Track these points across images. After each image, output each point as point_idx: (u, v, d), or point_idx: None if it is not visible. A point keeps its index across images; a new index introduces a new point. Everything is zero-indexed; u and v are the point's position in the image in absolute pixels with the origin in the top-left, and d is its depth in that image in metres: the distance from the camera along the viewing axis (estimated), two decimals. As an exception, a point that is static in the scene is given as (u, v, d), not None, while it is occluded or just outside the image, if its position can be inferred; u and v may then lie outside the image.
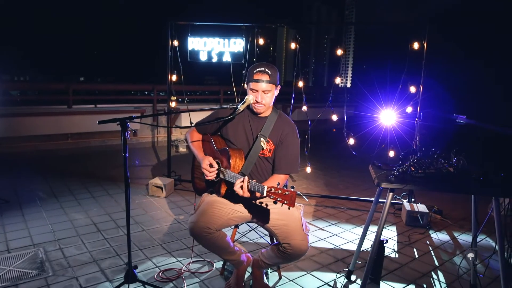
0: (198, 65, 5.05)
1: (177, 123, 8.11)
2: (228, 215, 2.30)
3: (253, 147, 2.31)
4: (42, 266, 2.78)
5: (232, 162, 2.23)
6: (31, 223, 3.58)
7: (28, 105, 7.41)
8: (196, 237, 2.23)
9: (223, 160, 2.30)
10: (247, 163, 2.28)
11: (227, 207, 2.32)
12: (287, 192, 1.83)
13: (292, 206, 1.82)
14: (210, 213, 2.25)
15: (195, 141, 2.53)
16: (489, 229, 3.63)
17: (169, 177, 4.98)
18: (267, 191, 1.89)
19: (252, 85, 2.22)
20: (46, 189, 4.64)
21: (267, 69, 2.20)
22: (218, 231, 2.25)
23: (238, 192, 2.05)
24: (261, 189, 1.93)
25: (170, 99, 5.00)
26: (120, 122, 2.11)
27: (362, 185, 5.43)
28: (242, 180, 2.03)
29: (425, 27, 4.02)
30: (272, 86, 2.23)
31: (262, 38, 4.70)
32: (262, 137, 2.29)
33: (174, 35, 4.69)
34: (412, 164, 2.34)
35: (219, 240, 2.27)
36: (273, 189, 1.87)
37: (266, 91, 2.22)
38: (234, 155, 2.25)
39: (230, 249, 2.37)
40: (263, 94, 2.22)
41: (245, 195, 2.04)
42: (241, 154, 2.29)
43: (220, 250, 2.34)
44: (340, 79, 4.65)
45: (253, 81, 2.21)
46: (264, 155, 2.32)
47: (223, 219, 2.27)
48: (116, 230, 3.53)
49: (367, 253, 3.14)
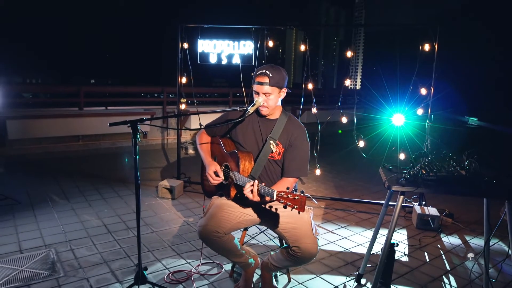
0: (208, 67, 5.07)
1: (186, 125, 8.14)
2: (237, 219, 2.30)
3: (262, 150, 2.30)
4: (53, 267, 2.81)
5: (242, 165, 2.23)
6: (43, 224, 3.62)
7: (40, 107, 7.50)
8: (205, 240, 2.23)
9: (232, 163, 2.30)
10: (256, 166, 2.28)
11: (236, 211, 2.32)
12: (297, 197, 1.81)
13: (302, 211, 1.80)
14: (219, 216, 2.25)
15: (204, 143, 2.53)
16: (501, 233, 3.58)
17: (178, 179, 5.00)
18: (276, 196, 1.88)
19: (254, 87, 2.24)
20: (57, 191, 4.69)
21: (268, 72, 2.19)
22: (227, 235, 2.25)
23: (248, 196, 2.03)
24: (271, 194, 1.92)
25: (180, 101, 5.03)
26: (131, 125, 2.12)
27: (372, 187, 5.39)
28: (252, 184, 2.01)
29: (436, 28, 3.98)
30: (273, 88, 2.21)
31: (272, 40, 4.70)
32: (272, 140, 2.29)
33: (184, 37, 4.72)
34: (423, 167, 2.32)
35: (228, 243, 2.28)
36: (283, 193, 1.86)
37: (267, 94, 2.21)
38: (243, 158, 2.25)
39: (238, 252, 2.37)
40: (264, 96, 2.22)
41: (255, 199, 2.03)
42: (251, 157, 2.29)
43: (228, 252, 2.35)
44: (349, 81, 4.62)
45: (255, 84, 2.23)
46: (273, 158, 2.32)
47: (232, 223, 2.27)
48: (126, 232, 3.55)
49: (377, 256, 3.11)
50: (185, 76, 4.89)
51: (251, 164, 2.27)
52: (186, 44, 4.74)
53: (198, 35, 4.82)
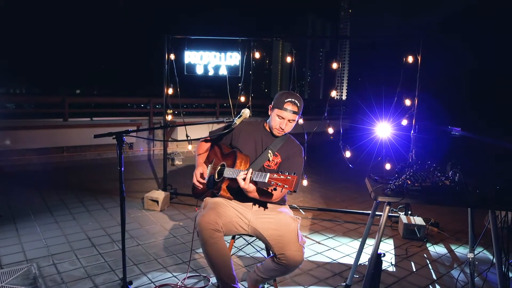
0: (195, 78, 5.06)
1: (173, 136, 8.10)
2: (232, 217, 2.35)
3: (259, 156, 2.42)
4: (35, 282, 2.74)
5: (238, 163, 2.33)
6: (25, 238, 3.53)
7: (23, 118, 7.37)
8: (204, 232, 2.19)
9: (229, 161, 2.41)
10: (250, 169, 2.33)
11: (230, 209, 2.39)
12: (288, 177, 1.93)
13: (291, 189, 1.92)
14: (218, 210, 2.31)
15: (202, 151, 2.69)
16: (486, 242, 3.62)
17: (165, 190, 4.94)
18: (269, 178, 1.99)
19: (280, 112, 2.35)
20: (41, 203, 4.60)
21: (297, 102, 2.36)
22: (223, 231, 2.25)
23: (240, 183, 2.13)
24: (263, 177, 2.04)
25: (167, 112, 5.01)
26: (116, 136, 2.10)
27: (359, 197, 5.42)
28: (246, 172, 2.13)
29: (419, 39, 4.06)
30: (297, 116, 2.40)
31: (258, 51, 4.73)
32: (270, 150, 2.43)
33: (170, 48, 4.72)
34: (408, 177, 2.34)
35: (223, 245, 2.25)
36: (275, 175, 1.98)
37: (292, 121, 2.38)
38: (240, 158, 2.37)
39: (228, 262, 2.32)
40: (288, 122, 2.37)
41: (245, 186, 2.12)
42: (247, 159, 2.40)
43: (220, 257, 2.27)
44: (335, 92, 4.67)
45: (283, 110, 2.34)
46: (269, 167, 2.42)
47: (228, 219, 2.31)
48: (111, 245, 3.49)
49: (364, 267, 3.11)
50: (171, 87, 4.88)
51: (247, 166, 2.37)
52: (172, 55, 4.73)
53: (185, 46, 4.83)
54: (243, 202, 2.42)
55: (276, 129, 2.40)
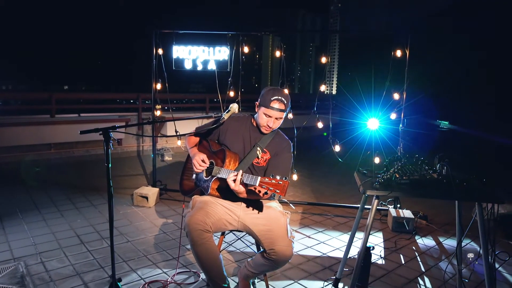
0: (184, 73, 5.02)
1: (162, 132, 8.04)
2: (221, 215, 2.33)
3: (248, 154, 2.41)
4: (22, 281, 2.70)
5: (227, 162, 2.31)
6: (12, 236, 3.48)
7: (10, 115, 7.24)
8: (191, 233, 2.18)
9: (218, 160, 2.39)
10: (239, 168, 2.34)
11: (219, 207, 2.37)
12: (280, 181, 1.92)
13: (282, 194, 1.91)
14: (206, 209, 2.30)
15: (192, 142, 2.65)
16: (473, 234, 3.67)
17: (154, 186, 4.92)
18: (260, 182, 1.99)
19: (266, 110, 2.32)
20: (28, 201, 4.53)
21: (284, 99, 2.32)
22: (212, 232, 2.24)
23: (230, 185, 2.14)
24: (254, 180, 2.04)
25: (155, 108, 4.96)
26: (103, 132, 2.07)
27: (349, 191, 5.45)
28: (236, 174, 2.13)
29: (407, 34, 4.08)
30: (284, 113, 2.37)
31: (247, 46, 4.71)
32: (259, 147, 2.41)
33: (158, 43, 4.67)
34: (396, 171, 2.35)
35: (212, 246, 2.24)
36: (267, 179, 1.97)
37: (279, 118, 2.36)
38: (229, 156, 2.34)
39: (218, 262, 2.31)
40: (275, 120, 2.35)
41: (236, 188, 2.13)
42: (237, 157, 2.38)
43: (210, 258, 2.27)
44: (325, 86, 4.67)
45: (269, 108, 2.31)
46: (258, 164, 2.41)
47: (216, 217, 2.30)
48: (100, 242, 3.46)
49: (354, 260, 3.13)
50: (160, 82, 4.84)
51: (235, 165, 2.36)
52: (160, 50, 4.69)
53: (173, 41, 4.78)
54: (233, 202, 2.41)
55: (264, 127, 2.38)
